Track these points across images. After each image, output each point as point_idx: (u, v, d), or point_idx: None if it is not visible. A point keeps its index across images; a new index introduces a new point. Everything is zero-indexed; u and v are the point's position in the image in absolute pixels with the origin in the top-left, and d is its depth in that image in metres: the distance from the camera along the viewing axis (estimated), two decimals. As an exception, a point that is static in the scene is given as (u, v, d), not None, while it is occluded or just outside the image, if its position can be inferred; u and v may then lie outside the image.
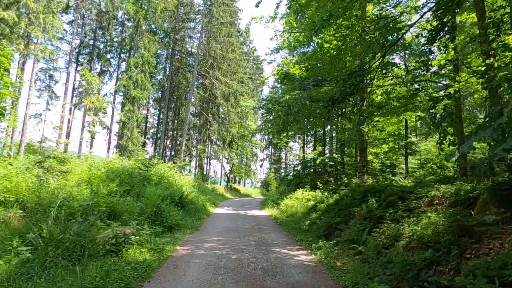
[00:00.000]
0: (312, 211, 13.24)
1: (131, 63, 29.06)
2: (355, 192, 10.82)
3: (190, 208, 12.69)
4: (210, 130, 33.77)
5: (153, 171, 15.48)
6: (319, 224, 10.25)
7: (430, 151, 21.94)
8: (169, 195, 12.04)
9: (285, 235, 9.76)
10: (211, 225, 10.88)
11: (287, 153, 60.64)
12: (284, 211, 16.20)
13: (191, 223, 10.71)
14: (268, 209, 18.23)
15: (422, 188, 8.72)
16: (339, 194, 12.59)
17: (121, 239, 5.62)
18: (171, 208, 10.70)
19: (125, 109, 28.25)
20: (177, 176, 18.58)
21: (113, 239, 5.43)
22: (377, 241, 7.25)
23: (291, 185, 23.90)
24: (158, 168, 15.89)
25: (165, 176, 15.55)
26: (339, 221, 9.63)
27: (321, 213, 11.95)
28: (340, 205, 10.64)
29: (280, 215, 15.25)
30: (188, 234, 9.07)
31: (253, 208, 19.86)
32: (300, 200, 16.68)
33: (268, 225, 11.68)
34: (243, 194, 37.22)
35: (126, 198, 10.43)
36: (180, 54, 35.29)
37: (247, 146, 39.71)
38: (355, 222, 8.91)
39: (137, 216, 8.88)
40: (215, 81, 31.52)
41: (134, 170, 14.43)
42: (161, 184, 14.63)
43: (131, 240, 5.98)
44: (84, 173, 11.46)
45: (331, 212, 10.83)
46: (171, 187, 14.51)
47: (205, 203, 16.04)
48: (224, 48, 31.41)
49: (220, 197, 25.72)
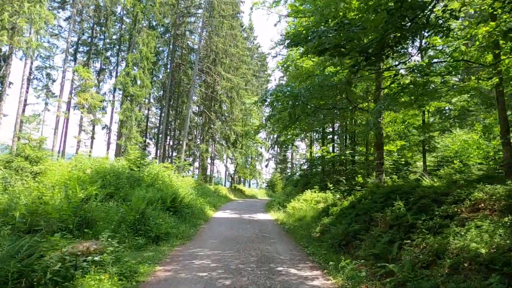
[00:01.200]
0: (323, 215, 11.67)
1: (129, 59, 27.71)
2: (375, 193, 9.23)
3: (185, 213, 11.21)
4: (213, 128, 32.32)
5: (146, 171, 14.05)
6: (333, 232, 8.69)
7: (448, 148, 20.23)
8: (160, 199, 10.56)
9: (294, 246, 8.21)
10: (207, 233, 9.37)
11: (293, 153, 59.04)
12: (291, 214, 14.66)
13: (184, 231, 9.21)
14: (273, 212, 16.68)
15: (459, 189, 7.13)
16: (354, 195, 11.00)
17: (68, 264, 4.12)
18: (160, 214, 9.22)
19: (123, 107, 26.90)
20: (175, 177, 17.13)
21: (56, 264, 3.92)
22: (411, 257, 5.69)
23: (298, 185, 22.32)
24: (152, 168, 14.46)
25: (159, 177, 14.10)
26: (358, 228, 8.06)
27: (334, 218, 10.38)
28: (357, 209, 9.06)
29: (287, 220, 13.71)
30: (177, 246, 7.57)
31: (258, 211, 18.32)
32: (308, 202, 15.12)
33: (273, 233, 10.14)
34: (248, 195, 35.70)
35: (108, 203, 8.98)
36: (181, 50, 33.91)
37: (252, 146, 38.19)
38: (379, 231, 7.33)
39: (116, 225, 7.41)
40: (217, 77, 30.07)
41: (125, 171, 13.02)
42: (154, 185, 13.20)
43: (88, 263, 4.48)
44: (63, 174, 10.04)
45: (346, 218, 9.26)
46: (165, 189, 13.07)
47: (204, 207, 14.55)
48: (226, 42, 29.92)
49: (223, 199, 24.24)
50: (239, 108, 33.27)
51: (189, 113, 29.39)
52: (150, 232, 7.71)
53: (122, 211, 8.03)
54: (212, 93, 31.51)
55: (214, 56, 30.85)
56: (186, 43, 33.30)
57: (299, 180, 24.68)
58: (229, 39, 30.41)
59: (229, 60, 30.90)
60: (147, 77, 29.57)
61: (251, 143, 37.51)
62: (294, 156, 59.09)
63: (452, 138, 19.26)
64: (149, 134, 42.01)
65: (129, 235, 7.27)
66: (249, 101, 35.94)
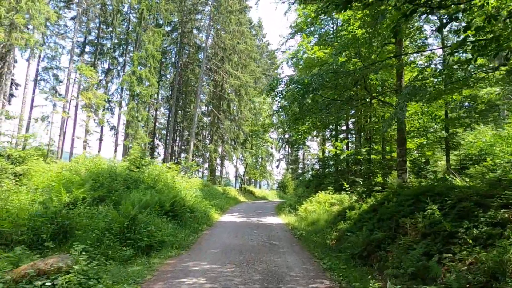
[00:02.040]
0: (339, 220, 10.48)
1: (135, 58, 27.02)
2: (400, 195, 8.01)
3: (186, 218, 10.18)
4: (222, 128, 31.35)
5: (147, 172, 13.12)
6: (352, 240, 7.52)
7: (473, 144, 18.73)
8: (158, 202, 9.57)
9: (307, 257, 7.06)
10: (207, 241, 8.31)
11: (305, 153, 57.64)
12: (304, 218, 13.51)
13: (183, 238, 8.18)
14: (284, 215, 15.54)
15: (506, 190, 5.89)
16: (374, 197, 9.78)
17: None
18: (155, 220, 8.21)
19: (129, 106, 26.22)
20: (180, 178, 16.17)
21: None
22: (457, 276, 4.50)
23: (310, 186, 21.10)
24: (153, 169, 13.52)
25: (160, 178, 13.14)
26: (381, 236, 6.87)
27: (352, 223, 9.19)
28: (380, 213, 7.85)
29: (299, 224, 12.56)
30: (171, 257, 6.53)
31: (267, 213, 17.20)
32: (322, 205, 13.95)
33: (283, 240, 9.00)
34: (258, 197, 34.58)
35: (97, 208, 8.01)
36: (189, 48, 33.10)
37: (262, 145, 37.07)
38: (409, 241, 6.13)
39: (101, 234, 6.42)
40: (225, 75, 29.10)
41: (123, 171, 12.11)
42: (155, 188, 12.24)
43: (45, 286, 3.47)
44: (51, 176, 9.15)
45: (367, 223, 8.06)
46: (167, 191, 12.09)
47: (209, 210, 13.52)
48: (234, 38, 28.92)
49: (231, 201, 23.19)
50: (248, 107, 32.24)
51: (196, 113, 28.50)
52: (141, 241, 6.69)
53: (110, 217, 7.04)
54: (220, 91, 30.56)
55: (222, 53, 29.91)
56: (194, 41, 32.47)
57: (311, 181, 23.45)
58: (236, 35, 29.41)
59: (237, 57, 29.90)
60: (154, 76, 28.83)
61: (261, 143, 36.41)
62: (305, 156, 57.74)
63: (475, 134, 17.75)
64: (158, 135, 41.40)
65: (115, 245, 6.26)
66: (258, 100, 34.97)
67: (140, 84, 27.08)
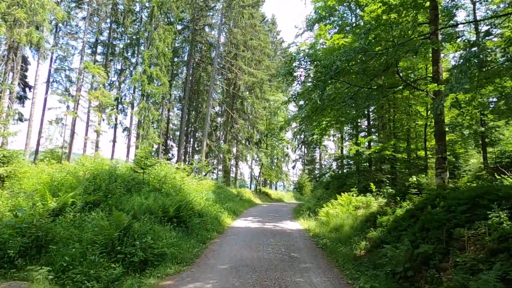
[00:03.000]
0: (368, 226, 9.10)
1: (145, 56, 26.27)
2: (447, 199, 6.59)
3: (194, 224, 9.03)
4: (235, 128, 30.23)
5: (153, 174, 12.08)
6: (389, 253, 6.14)
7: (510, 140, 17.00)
8: (161, 207, 8.46)
9: (336, 276, 5.74)
10: (216, 253, 7.10)
11: (321, 153, 55.90)
12: (325, 222, 12.16)
13: (187, 249, 7.01)
14: (303, 219, 14.21)
15: None
16: (411, 201, 8.35)
17: None
18: (155, 228, 7.08)
19: (139, 106, 25.46)
20: (189, 180, 15.09)
21: None
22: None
23: (330, 188, 19.67)
24: (160, 170, 12.47)
25: (168, 180, 12.07)
26: (430, 250, 5.49)
27: (385, 231, 7.80)
28: (423, 221, 6.44)
29: (320, 230, 11.23)
30: (169, 276, 5.36)
31: (284, 217, 15.90)
32: (345, 208, 12.57)
33: (304, 251, 7.70)
34: (274, 199, 33.27)
35: (89, 214, 6.95)
36: (201, 46, 32.18)
37: (277, 146, 35.74)
38: (470, 258, 4.74)
39: (82, 247, 5.31)
40: (238, 71, 27.98)
41: (126, 173, 11.10)
42: (161, 190, 11.17)
43: None
44: (41, 178, 8.18)
45: (406, 233, 6.67)
46: (175, 193, 11.01)
47: (220, 214, 12.34)
48: (247, 32, 27.78)
49: (246, 203, 22.01)
50: (262, 105, 31.00)
51: (209, 112, 27.48)
52: (134, 255, 5.55)
53: (100, 226, 5.94)
54: (233, 89, 29.45)
55: (235, 50, 28.80)
56: (205, 38, 31.52)
57: (331, 182, 22.01)
58: (249, 30, 28.25)
59: (250, 53, 28.73)
60: (165, 75, 28.03)
61: (276, 143, 35.09)
62: (322, 156, 56.00)
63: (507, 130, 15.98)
64: (172, 137, 40.71)
65: (102, 261, 5.14)
66: (273, 98, 33.67)
67: (151, 83, 26.32)
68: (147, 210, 8.35)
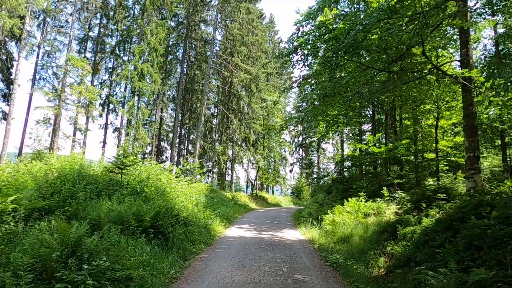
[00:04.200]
0: (385, 238, 7.58)
1: (136, 52, 24.75)
2: (497, 207, 5.11)
3: (176, 234, 7.46)
4: (231, 129, 28.69)
5: (134, 174, 10.51)
6: (428, 280, 4.60)
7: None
8: (136, 214, 6.90)
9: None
10: (199, 275, 5.53)
11: (320, 156, 54.37)
12: (331, 231, 10.65)
13: (163, 270, 5.44)
14: (304, 227, 12.66)
15: None
16: (442, 209, 6.84)
17: None
18: (123, 242, 5.53)
19: (129, 104, 23.91)
20: (178, 182, 13.54)
21: None
22: None
23: (332, 192, 18.16)
24: (142, 171, 10.90)
25: (151, 182, 10.50)
26: (489, 277, 3.98)
27: (412, 246, 6.28)
28: (470, 236, 4.92)
29: (326, 240, 9.71)
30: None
31: (283, 225, 14.36)
32: (353, 215, 11.07)
33: (311, 271, 6.16)
34: (271, 204, 31.68)
35: (37, 224, 5.40)
36: (195, 43, 30.72)
37: (275, 147, 34.22)
38: None
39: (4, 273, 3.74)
40: (234, 68, 26.52)
41: (101, 174, 9.54)
42: (142, 193, 9.62)
43: None
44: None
45: (444, 249, 5.17)
46: (160, 197, 9.46)
47: (211, 222, 10.77)
48: (244, 28, 26.36)
49: (241, 209, 20.44)
50: (259, 105, 29.51)
51: (203, 111, 25.94)
52: (80, 285, 3.98)
53: (42, 243, 4.37)
54: (229, 88, 27.96)
55: (231, 46, 27.36)
56: (201, 35, 30.07)
57: (332, 186, 20.52)
58: (246, 26, 26.84)
59: (247, 50, 27.28)
60: (156, 71, 26.50)
61: (274, 145, 33.59)
62: (321, 159, 54.50)
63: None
64: (166, 139, 39.10)
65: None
66: (270, 98, 32.20)
67: (142, 80, 24.77)
68: (118, 219, 6.79)
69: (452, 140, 16.82)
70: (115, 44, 31.40)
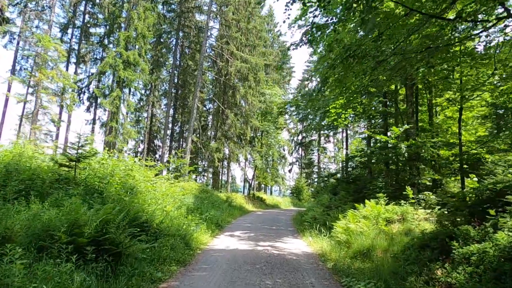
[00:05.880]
0: (432, 257, 5.38)
1: (121, 37, 22.47)
2: None
3: (133, 252, 5.21)
4: (226, 124, 26.43)
5: (96, 169, 8.26)
6: None
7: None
8: (69, 225, 4.66)
9: None
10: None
11: (320, 156, 52.11)
12: (344, 242, 8.45)
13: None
14: (309, 235, 10.42)
15: None
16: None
17: None
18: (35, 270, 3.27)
19: (112, 94, 21.59)
20: (158, 179, 11.29)
21: None
22: None
23: (338, 192, 15.94)
24: (106, 165, 8.65)
25: (116, 179, 8.25)
26: None
27: (487, 276, 4.09)
28: None
29: (340, 255, 7.53)
30: None
31: (284, 231, 12.15)
32: (371, 222, 8.89)
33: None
34: (269, 205, 29.44)
35: None
36: (188, 30, 28.46)
37: (273, 144, 31.95)
38: None
39: None
40: (229, 57, 24.28)
41: (51, 167, 7.30)
42: (103, 194, 7.36)
43: None
44: None
45: None
46: (128, 199, 7.22)
47: (194, 229, 8.53)
48: (240, 12, 24.13)
49: (236, 211, 18.20)
50: (257, 99, 27.25)
51: (195, 103, 23.68)
52: None
53: None
54: (225, 78, 25.72)
55: (226, 34, 25.11)
56: (194, 22, 27.82)
57: (337, 185, 18.33)
58: (242, 11, 24.60)
59: (244, 38, 25.05)
60: (145, 60, 24.25)
61: (272, 141, 31.33)
62: (321, 159, 52.27)
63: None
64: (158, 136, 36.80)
65: None
66: (269, 91, 29.92)
67: (128, 69, 22.50)
68: (43, 231, 4.57)
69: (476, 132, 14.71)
70: (103, 34, 29.18)
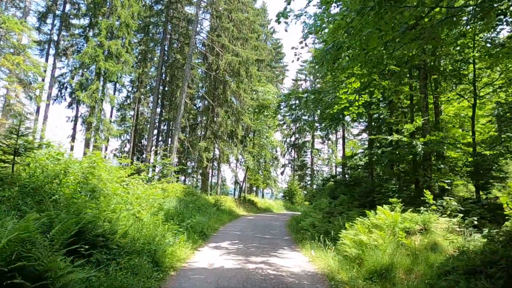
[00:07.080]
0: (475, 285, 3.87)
1: (102, 26, 20.68)
2: None
3: (66, 285, 3.51)
4: (216, 122, 24.75)
5: (47, 166, 6.54)
6: None
7: None
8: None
9: None
10: None
11: (313, 158, 50.71)
12: (354, 258, 6.90)
13: None
14: (309, 247, 8.79)
15: None
16: None
17: None
18: None
19: (91, 87, 19.75)
20: (132, 180, 9.59)
21: None
22: None
23: (338, 196, 14.40)
24: (62, 160, 6.92)
25: (71, 179, 6.54)
26: None
27: None
28: None
29: (351, 275, 5.97)
30: None
31: (279, 240, 10.53)
32: (386, 232, 7.36)
33: None
34: (261, 209, 27.79)
35: None
36: (177, 22, 26.74)
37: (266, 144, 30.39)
38: None
39: None
40: (220, 50, 22.65)
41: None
42: (53, 196, 5.67)
43: None
44: None
45: None
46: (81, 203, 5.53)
47: (170, 241, 6.84)
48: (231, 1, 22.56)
49: (225, 216, 16.53)
50: (249, 96, 25.65)
51: (183, 99, 21.97)
52: None
53: None
54: (216, 73, 24.06)
55: (217, 26, 23.48)
56: (183, 13, 26.14)
57: (336, 189, 16.84)
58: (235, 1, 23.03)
59: (236, 30, 23.46)
60: (130, 51, 22.49)
61: (265, 142, 29.76)
62: (315, 161, 50.88)
63: None
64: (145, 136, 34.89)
65: None
66: (261, 89, 28.38)
67: (109, 60, 20.71)
68: None
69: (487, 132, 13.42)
70: (86, 26, 27.25)
